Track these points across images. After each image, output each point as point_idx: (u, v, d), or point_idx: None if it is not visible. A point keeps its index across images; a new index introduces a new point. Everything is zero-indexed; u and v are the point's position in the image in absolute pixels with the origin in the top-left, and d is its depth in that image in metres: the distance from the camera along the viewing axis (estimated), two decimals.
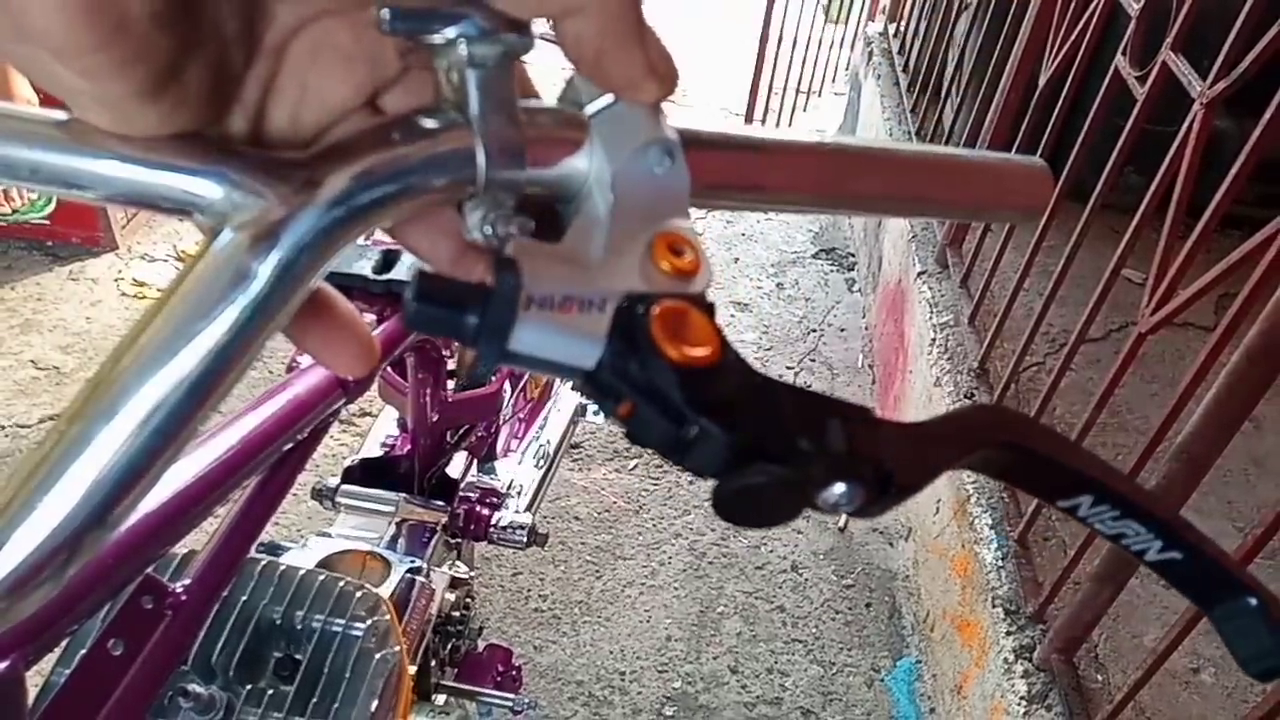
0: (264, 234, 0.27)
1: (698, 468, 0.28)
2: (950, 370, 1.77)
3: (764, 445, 0.27)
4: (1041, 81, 1.63)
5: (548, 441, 1.53)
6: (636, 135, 0.31)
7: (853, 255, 2.89)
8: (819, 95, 3.85)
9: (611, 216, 0.30)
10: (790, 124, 3.62)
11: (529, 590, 1.80)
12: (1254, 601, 0.32)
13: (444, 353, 0.99)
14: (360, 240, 0.44)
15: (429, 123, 0.29)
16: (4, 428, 1.96)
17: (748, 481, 0.27)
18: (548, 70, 0.41)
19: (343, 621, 0.76)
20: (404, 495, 1.01)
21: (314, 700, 0.72)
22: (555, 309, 0.28)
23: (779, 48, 3.39)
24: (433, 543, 1.07)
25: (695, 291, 0.29)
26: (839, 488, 0.28)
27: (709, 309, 0.29)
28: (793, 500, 0.28)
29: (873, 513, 0.29)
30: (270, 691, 0.73)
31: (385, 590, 0.89)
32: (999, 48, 1.90)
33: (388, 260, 0.82)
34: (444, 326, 0.27)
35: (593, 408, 1.68)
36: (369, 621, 0.76)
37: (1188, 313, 1.11)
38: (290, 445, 0.65)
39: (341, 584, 0.78)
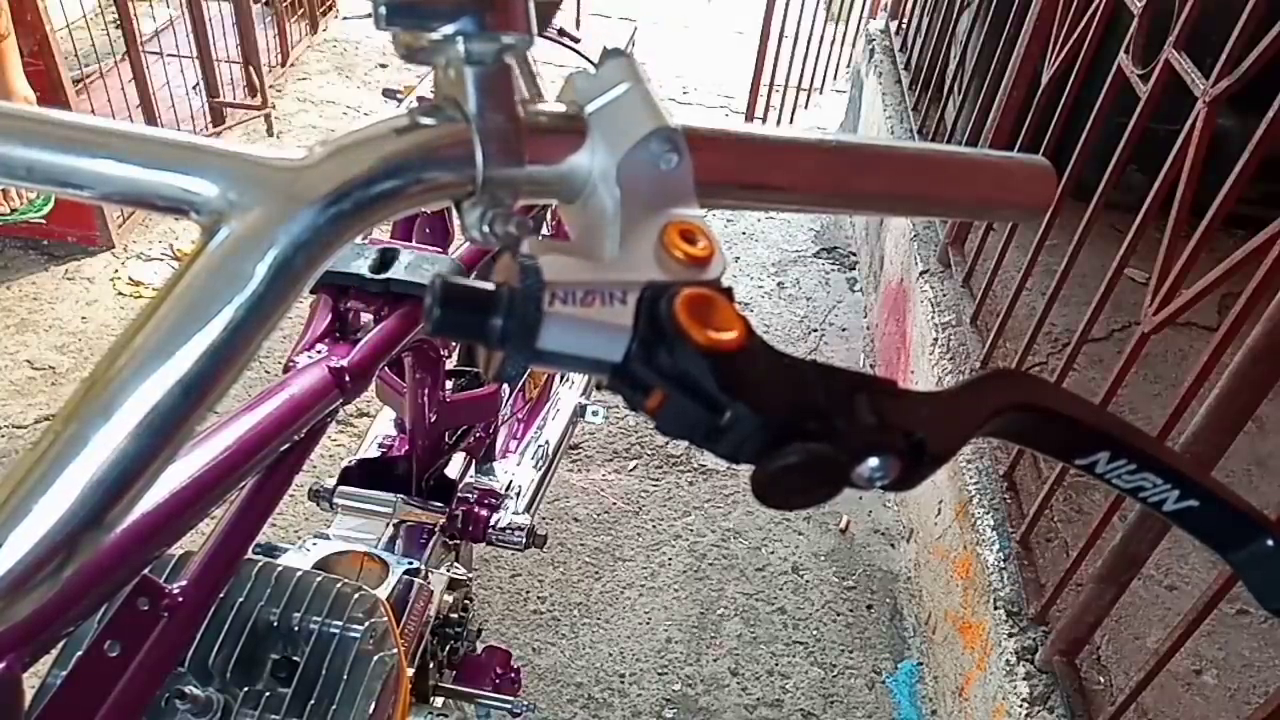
0: (261, 233, 0.26)
1: (733, 453, 0.28)
2: (952, 370, 1.76)
3: (798, 424, 0.27)
4: (1044, 79, 1.63)
5: (546, 442, 1.52)
6: (637, 128, 0.30)
7: (854, 254, 2.88)
8: (820, 93, 3.85)
9: (620, 210, 0.30)
10: (791, 122, 3.61)
11: (528, 592, 1.80)
12: (1271, 542, 0.33)
13: (442, 353, 0.98)
14: (357, 239, 0.44)
15: (427, 121, 0.29)
16: (0, 428, 1.96)
17: (786, 462, 0.27)
18: (548, 69, 0.40)
19: (340, 623, 0.75)
20: (402, 496, 1.01)
21: (311, 702, 0.72)
22: (578, 304, 0.27)
23: (780, 45, 3.39)
24: (431, 544, 1.06)
25: (712, 277, 0.29)
26: (873, 461, 0.28)
27: (728, 294, 0.29)
28: (831, 477, 0.28)
29: (908, 484, 0.29)
30: (267, 693, 0.72)
31: (383, 592, 0.89)
32: (1001, 45, 1.90)
33: (385, 259, 0.81)
34: (469, 331, 0.27)
35: (591, 408, 1.68)
36: (366, 623, 0.75)
37: (1191, 312, 1.11)
38: (287, 446, 0.65)
39: (339, 585, 0.77)
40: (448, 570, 1.10)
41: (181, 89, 2.72)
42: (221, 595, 0.68)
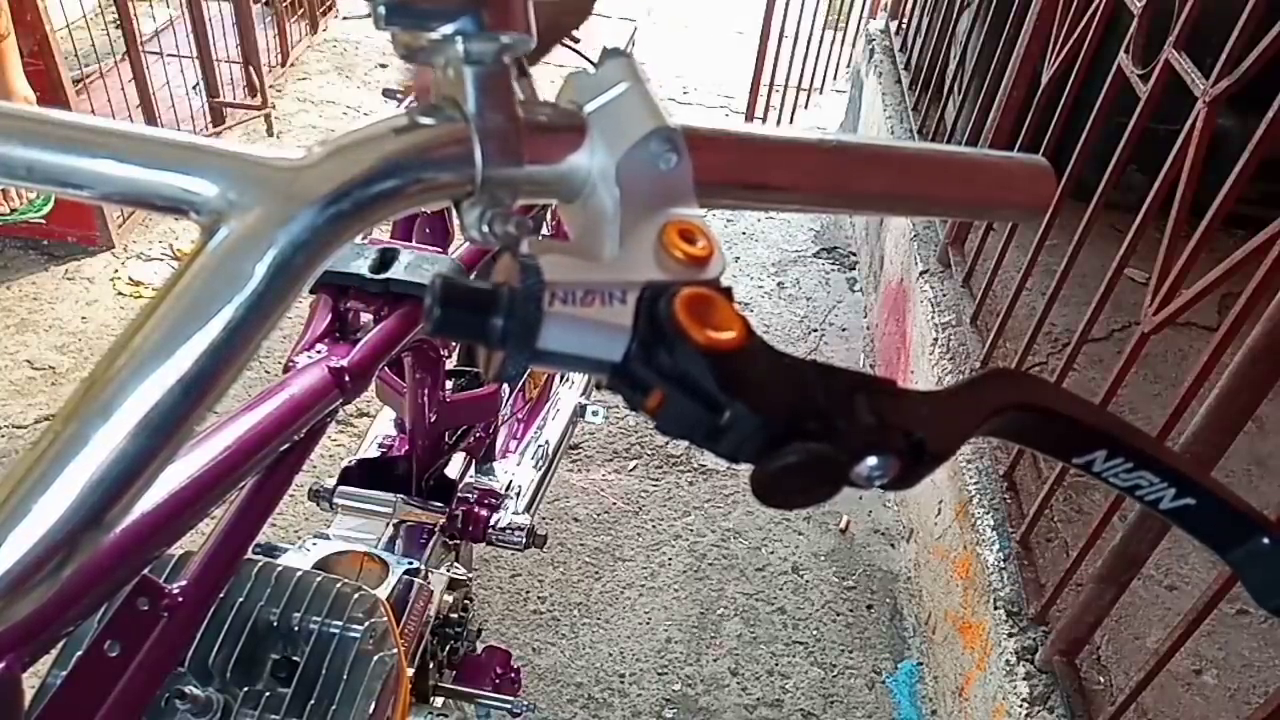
0: (260, 233, 0.26)
1: (733, 453, 0.28)
2: (952, 370, 1.76)
3: (798, 424, 0.27)
4: (1044, 79, 1.63)
5: (546, 442, 1.52)
6: (636, 128, 0.30)
7: (854, 254, 2.88)
8: (820, 93, 3.85)
9: (619, 210, 0.30)
10: (791, 122, 3.61)
11: (528, 592, 1.80)
12: (1269, 541, 0.33)
13: (442, 353, 0.98)
14: (357, 239, 0.44)
15: (426, 120, 0.29)
16: (0, 428, 1.96)
17: (786, 462, 0.27)
18: (548, 69, 0.40)
19: (340, 623, 0.75)
20: (402, 496, 1.01)
21: (311, 702, 0.72)
22: (578, 304, 0.27)
23: (780, 45, 3.39)
24: (431, 544, 1.06)
25: (712, 277, 0.29)
26: (872, 460, 0.28)
27: (728, 293, 0.29)
28: (831, 477, 0.28)
29: (907, 483, 0.29)
30: (267, 693, 0.72)
31: (383, 592, 0.89)
32: (1001, 45, 1.90)
33: (385, 259, 0.81)
34: (469, 331, 0.27)
35: (591, 408, 1.68)
36: (366, 623, 0.75)
37: (1191, 312, 1.11)
38: (287, 446, 0.65)
39: (339, 585, 0.77)
40: (448, 570, 1.10)
41: (181, 89, 2.72)
42: (221, 595, 0.68)
